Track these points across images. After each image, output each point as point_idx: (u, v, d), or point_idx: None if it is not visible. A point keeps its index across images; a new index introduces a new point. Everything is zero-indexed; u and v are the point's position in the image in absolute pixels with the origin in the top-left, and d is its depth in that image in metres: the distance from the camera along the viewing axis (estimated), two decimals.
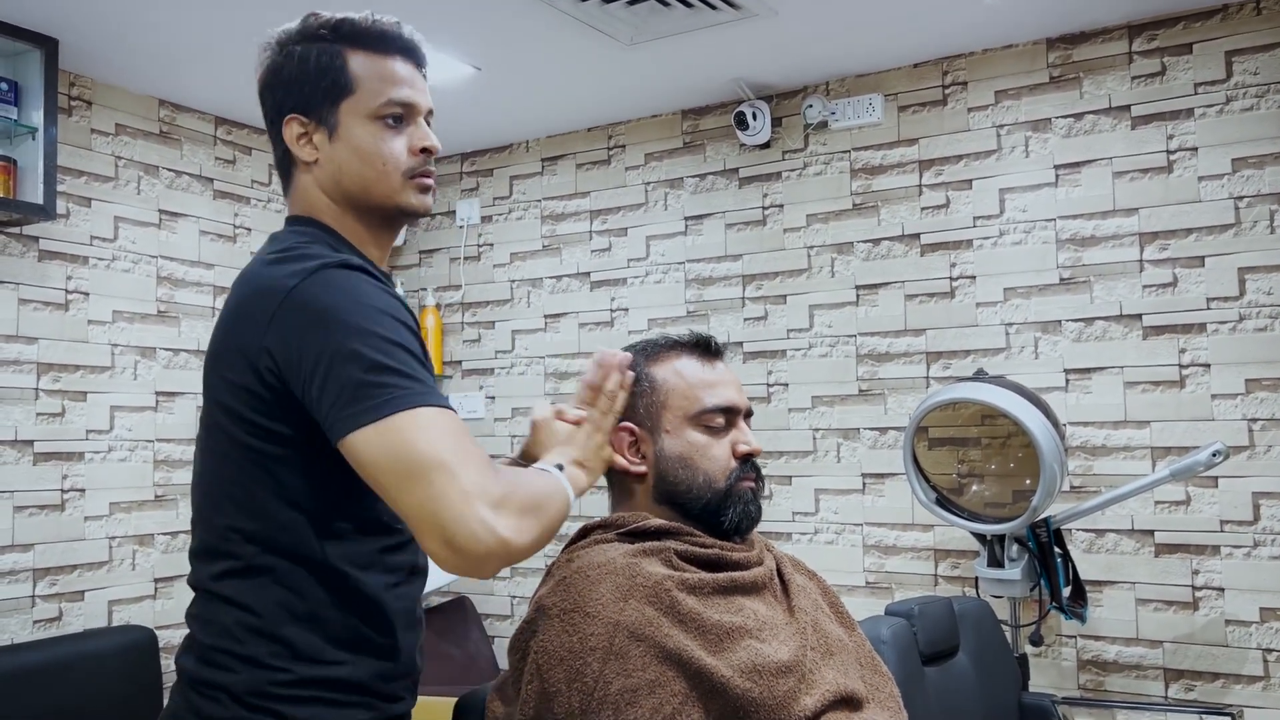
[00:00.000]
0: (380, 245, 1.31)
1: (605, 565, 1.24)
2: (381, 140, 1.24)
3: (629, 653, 1.17)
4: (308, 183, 1.28)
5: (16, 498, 2.92)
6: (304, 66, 1.25)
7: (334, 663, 1.18)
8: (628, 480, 1.39)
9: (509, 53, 3.03)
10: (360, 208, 1.26)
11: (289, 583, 1.17)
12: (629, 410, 1.39)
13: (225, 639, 1.17)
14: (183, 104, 3.41)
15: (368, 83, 1.24)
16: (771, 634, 1.25)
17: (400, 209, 1.26)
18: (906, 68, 3.18)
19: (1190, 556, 2.73)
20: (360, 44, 1.26)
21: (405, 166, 1.25)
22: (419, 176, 1.26)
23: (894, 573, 3.12)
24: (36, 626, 2.95)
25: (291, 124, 1.26)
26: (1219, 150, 2.74)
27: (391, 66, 1.26)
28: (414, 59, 1.30)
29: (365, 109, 1.24)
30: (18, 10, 2.69)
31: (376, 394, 1.06)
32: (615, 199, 3.67)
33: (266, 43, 1.29)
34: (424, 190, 1.27)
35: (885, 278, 3.17)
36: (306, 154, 1.27)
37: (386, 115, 1.24)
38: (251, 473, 1.18)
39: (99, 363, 3.14)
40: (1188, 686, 2.73)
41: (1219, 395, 2.71)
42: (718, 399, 1.37)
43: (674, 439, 1.36)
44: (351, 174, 1.24)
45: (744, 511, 1.35)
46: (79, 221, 3.11)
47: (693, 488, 1.34)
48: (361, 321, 1.10)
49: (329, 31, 1.25)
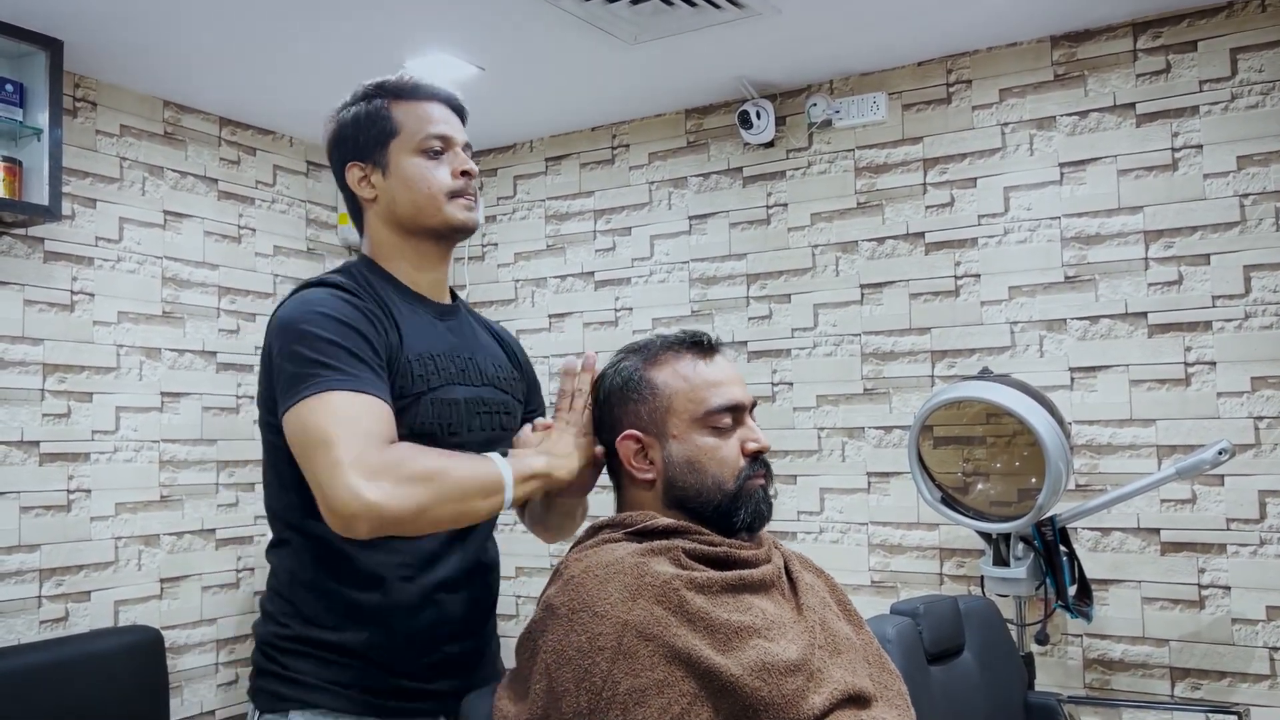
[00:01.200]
0: (435, 265, 1.51)
1: (613, 564, 1.24)
2: (426, 169, 1.45)
3: (637, 652, 1.17)
4: (372, 220, 1.50)
5: (23, 498, 2.93)
6: (357, 122, 1.49)
7: (330, 628, 1.38)
8: (635, 486, 1.38)
9: (512, 52, 3.03)
10: (415, 231, 1.47)
11: (299, 555, 1.41)
12: (634, 417, 1.37)
13: (264, 597, 1.48)
14: (187, 105, 3.42)
15: (409, 124, 1.47)
16: (780, 632, 1.25)
17: (449, 224, 1.46)
18: (910, 66, 3.18)
19: (1196, 555, 2.73)
20: (400, 95, 1.50)
21: (449, 188, 1.45)
22: (461, 195, 1.46)
23: (899, 572, 3.11)
24: (43, 627, 2.96)
25: (352, 169, 1.49)
26: (1224, 148, 2.74)
27: (428, 109, 1.49)
28: (448, 103, 1.52)
29: (409, 145, 1.46)
30: (22, 12, 2.70)
31: (299, 383, 1.28)
32: (619, 198, 3.67)
33: (328, 116, 1.54)
34: (468, 207, 1.47)
35: (890, 276, 3.17)
36: (367, 193, 1.48)
37: (428, 148, 1.46)
38: (274, 462, 1.43)
39: (104, 363, 3.14)
40: (1194, 685, 2.72)
41: (1225, 393, 2.71)
42: (723, 398, 1.35)
43: (681, 443, 1.34)
44: (404, 201, 1.45)
45: (755, 510, 1.34)
46: (84, 222, 3.12)
47: (703, 491, 1.33)
48: (304, 325, 1.32)
49: (374, 90, 1.51)
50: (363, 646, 1.38)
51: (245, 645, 3.51)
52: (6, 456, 2.90)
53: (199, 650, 3.36)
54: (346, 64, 3.08)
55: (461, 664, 1.47)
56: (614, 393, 1.41)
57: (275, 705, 1.39)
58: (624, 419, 1.38)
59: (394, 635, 1.39)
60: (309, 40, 2.91)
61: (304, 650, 1.38)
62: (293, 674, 1.38)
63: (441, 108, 1.50)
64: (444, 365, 1.45)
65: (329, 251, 3.90)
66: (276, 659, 1.40)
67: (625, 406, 1.39)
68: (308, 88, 3.28)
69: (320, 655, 1.38)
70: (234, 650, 3.47)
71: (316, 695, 1.37)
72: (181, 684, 3.30)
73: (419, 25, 2.82)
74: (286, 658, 1.39)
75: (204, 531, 3.39)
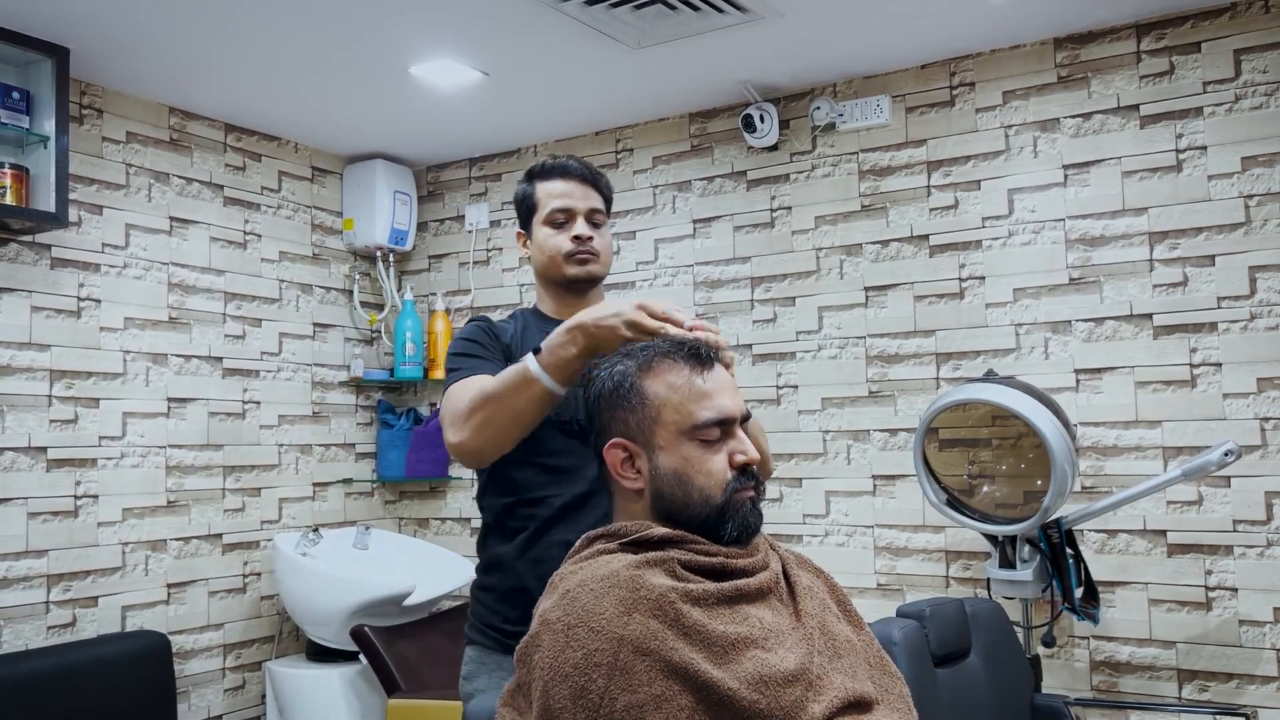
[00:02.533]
0: (570, 305, 1.84)
1: (609, 578, 1.23)
2: (550, 237, 1.84)
3: (634, 668, 1.16)
4: (534, 272, 1.91)
5: (30, 504, 2.94)
6: (518, 200, 1.92)
7: (488, 576, 1.80)
8: (624, 497, 1.37)
9: (516, 58, 3.04)
10: (548, 283, 1.88)
11: (481, 523, 1.85)
12: (622, 425, 1.36)
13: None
14: (193, 111, 3.43)
15: (542, 200, 1.86)
16: (778, 642, 1.24)
17: (569, 279, 1.84)
18: (914, 69, 3.18)
19: (1203, 556, 2.72)
20: (540, 177, 1.88)
21: (565, 250, 1.82)
22: (576, 255, 1.82)
23: (905, 574, 3.11)
24: (50, 632, 2.96)
25: (519, 237, 1.92)
26: (1228, 149, 2.73)
27: (556, 186, 1.85)
28: (577, 177, 1.86)
29: (542, 218, 1.85)
30: (29, 20, 2.71)
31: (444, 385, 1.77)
32: (623, 202, 3.67)
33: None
34: (581, 264, 1.83)
35: (894, 279, 3.17)
36: (525, 254, 1.92)
37: (553, 220, 1.84)
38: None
39: (111, 369, 3.16)
40: (1201, 687, 2.71)
41: (1230, 394, 2.70)
42: (711, 412, 1.33)
43: (668, 455, 1.32)
44: (539, 261, 1.87)
45: (743, 523, 1.32)
46: (90, 229, 3.13)
47: (689, 504, 1.31)
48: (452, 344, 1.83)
49: (526, 176, 1.90)
50: (503, 591, 1.75)
51: (252, 650, 3.52)
52: (14, 462, 2.91)
53: (206, 655, 3.37)
54: (352, 70, 3.09)
55: None
56: (604, 396, 1.39)
57: (467, 641, 1.82)
58: (612, 426, 1.37)
59: (519, 582, 1.72)
60: (314, 46, 2.92)
61: (477, 596, 1.81)
62: (472, 617, 1.81)
63: (568, 183, 1.85)
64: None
65: (334, 257, 3.91)
66: (470, 605, 1.83)
67: (614, 413, 1.37)
68: (313, 94, 3.29)
69: (483, 600, 1.79)
70: (241, 655, 3.48)
71: (478, 634, 1.79)
72: (189, 689, 3.31)
73: (424, 31, 2.83)
74: (472, 604, 1.82)
75: (210, 537, 3.40)
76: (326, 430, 3.83)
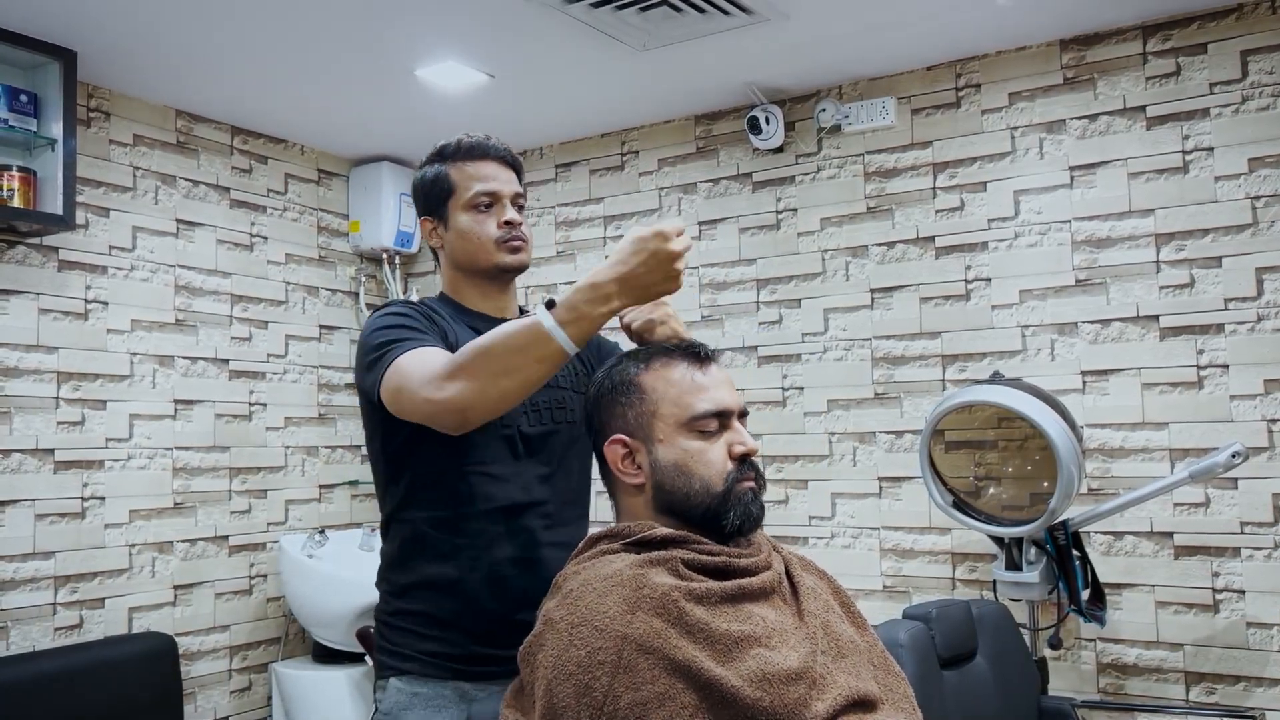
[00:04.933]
0: (494, 296, 1.74)
1: (612, 577, 1.23)
2: (475, 222, 1.69)
3: (638, 665, 1.17)
4: (444, 263, 1.76)
5: (37, 506, 2.95)
6: (424, 182, 1.74)
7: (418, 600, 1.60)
8: (626, 493, 1.38)
9: (522, 60, 3.04)
10: (473, 272, 1.71)
11: (395, 540, 1.64)
12: (621, 421, 1.37)
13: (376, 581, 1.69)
14: (199, 114, 3.44)
15: (462, 184, 1.70)
16: (781, 640, 1.24)
17: (497, 267, 1.69)
18: (919, 70, 3.18)
19: (1210, 558, 2.71)
20: (455, 158, 1.72)
21: (495, 236, 1.68)
22: (507, 241, 1.69)
23: (911, 576, 3.11)
24: (58, 634, 2.97)
25: (425, 223, 1.75)
26: (1235, 150, 2.73)
27: (479, 168, 1.71)
28: (499, 159, 1.72)
29: (463, 202, 1.70)
30: (36, 23, 2.72)
31: (375, 368, 1.53)
32: (629, 204, 3.68)
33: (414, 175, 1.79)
34: (513, 251, 1.69)
35: (900, 280, 3.17)
36: (435, 242, 1.74)
37: (477, 204, 1.69)
38: (374, 464, 1.68)
39: (118, 371, 3.16)
40: (1209, 690, 2.71)
41: (1238, 396, 2.70)
42: (708, 403, 1.35)
43: (668, 447, 1.34)
44: (460, 250, 1.70)
45: (745, 513, 1.33)
46: (98, 231, 3.14)
47: (691, 494, 1.33)
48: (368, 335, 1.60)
49: (436, 155, 1.74)
50: (444, 615, 1.58)
51: (258, 651, 3.53)
52: (21, 464, 2.92)
53: (212, 656, 3.38)
54: (357, 72, 3.09)
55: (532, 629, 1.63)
56: (603, 396, 1.41)
57: (381, 673, 1.63)
58: (611, 423, 1.39)
59: (468, 604, 1.57)
60: (320, 49, 2.92)
61: (399, 624, 1.61)
62: (392, 645, 1.61)
63: (492, 165, 1.71)
64: None
65: (340, 259, 3.92)
66: (382, 632, 1.64)
67: (613, 410, 1.39)
68: (319, 96, 3.30)
69: (411, 627, 1.59)
70: (247, 657, 3.49)
71: (408, 664, 1.59)
72: (195, 690, 3.31)
73: (429, 33, 2.84)
74: (388, 630, 1.62)
75: (217, 538, 3.41)
76: (333, 432, 3.83)
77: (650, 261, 1.35)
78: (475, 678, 1.57)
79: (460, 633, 1.57)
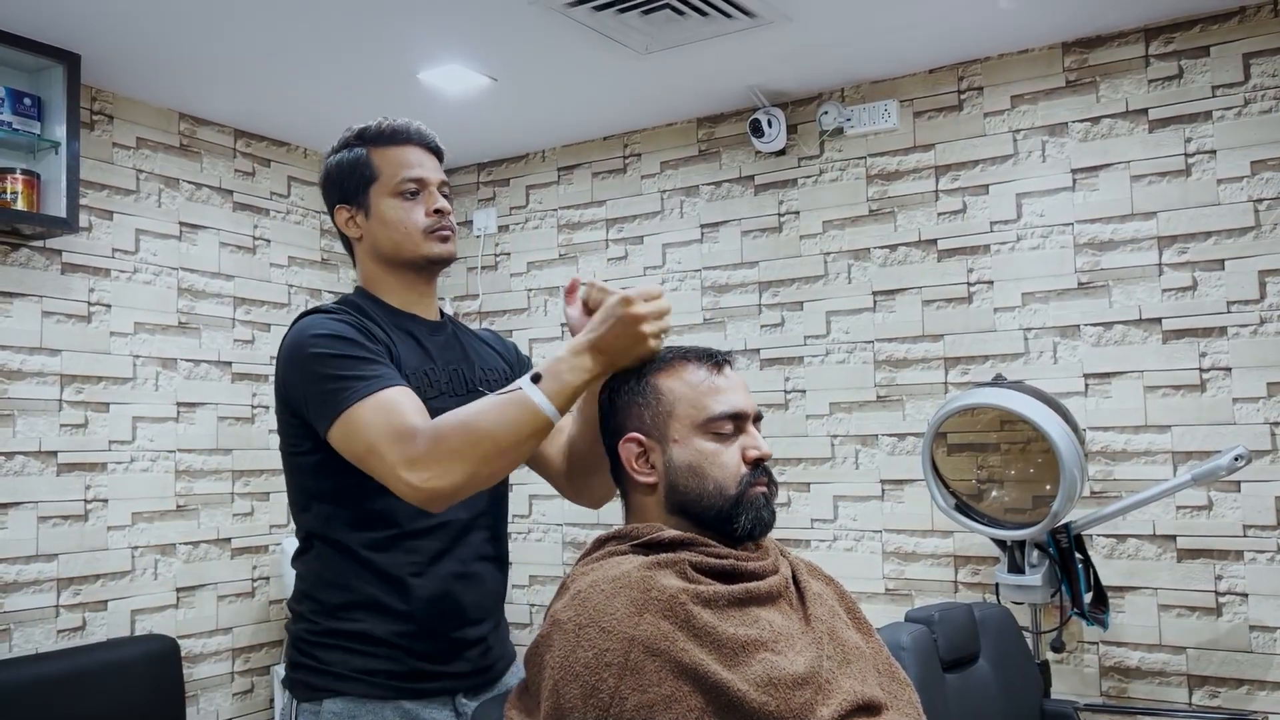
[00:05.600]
0: (419, 291, 1.64)
1: (620, 579, 1.24)
2: (402, 210, 1.58)
3: (644, 668, 1.17)
4: (361, 255, 1.64)
5: (41, 508, 2.95)
6: (340, 168, 1.62)
7: (353, 620, 1.51)
8: (638, 492, 1.39)
9: (524, 63, 3.05)
10: (397, 264, 1.61)
11: (324, 558, 1.54)
12: (637, 421, 1.38)
13: (291, 600, 1.60)
14: (202, 117, 3.45)
15: (386, 169, 1.59)
16: (787, 645, 1.25)
17: (426, 258, 1.60)
18: (922, 73, 3.18)
19: (1213, 561, 2.71)
20: (377, 142, 1.61)
21: (423, 225, 1.58)
22: (436, 231, 1.59)
23: (913, 579, 3.10)
24: (60, 636, 2.97)
25: (340, 211, 1.63)
26: (1238, 153, 2.73)
27: (403, 154, 1.60)
28: (423, 144, 1.63)
29: (387, 189, 1.59)
30: (40, 26, 2.73)
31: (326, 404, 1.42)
32: (631, 207, 3.68)
33: (323, 158, 1.67)
34: (443, 240, 1.60)
35: (902, 283, 3.17)
36: (354, 232, 1.63)
37: (403, 191, 1.58)
38: (297, 481, 1.58)
39: (121, 374, 3.17)
40: (1212, 693, 2.70)
41: (1240, 399, 2.69)
42: (725, 405, 1.36)
43: (683, 448, 1.35)
44: (385, 240, 1.59)
45: (756, 517, 1.34)
46: (101, 234, 3.15)
47: (704, 496, 1.33)
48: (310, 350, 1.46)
49: (355, 139, 1.63)
50: (385, 634, 1.50)
51: (261, 654, 3.53)
52: (25, 466, 2.93)
53: (215, 659, 3.38)
54: (360, 76, 3.10)
55: (476, 645, 1.58)
56: (620, 396, 1.42)
57: (310, 695, 1.52)
58: (627, 422, 1.39)
59: (411, 623, 1.51)
60: (323, 52, 2.93)
61: (332, 643, 1.51)
62: (323, 665, 1.51)
63: (417, 151, 1.62)
64: (436, 377, 1.58)
65: (343, 262, 3.92)
66: (309, 653, 1.53)
67: (629, 410, 1.39)
68: (321, 99, 3.30)
69: (347, 646, 1.50)
70: (249, 659, 3.49)
71: (346, 684, 1.50)
72: (198, 693, 3.31)
73: (431, 37, 2.84)
74: (318, 650, 1.52)
75: (219, 541, 3.41)
76: None
77: (617, 327, 1.35)
78: (419, 695, 1.52)
79: (402, 651, 1.50)
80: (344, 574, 1.52)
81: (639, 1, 2.63)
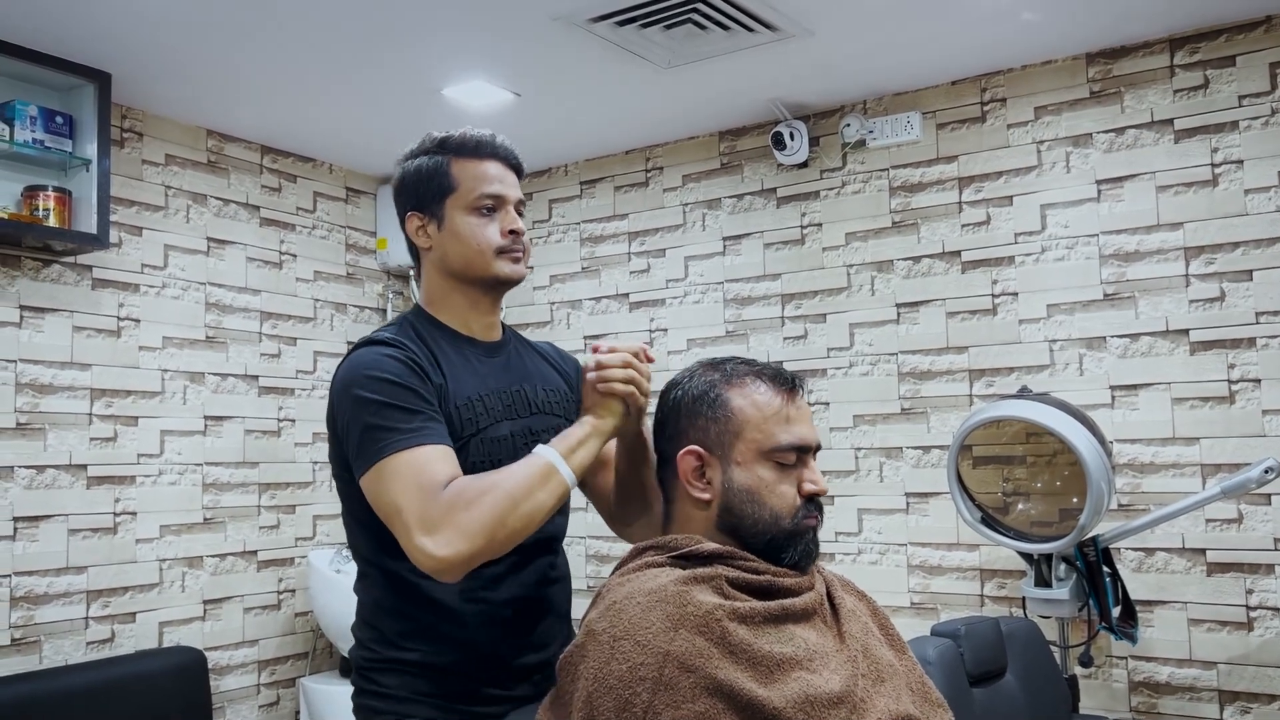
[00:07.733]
0: (482, 310, 1.60)
1: (656, 592, 1.23)
2: (477, 226, 1.54)
3: (679, 684, 1.16)
4: (428, 266, 1.60)
5: (71, 521, 2.98)
6: (419, 174, 1.57)
7: (410, 649, 1.49)
8: (688, 504, 1.37)
9: (547, 78, 3.06)
10: (464, 280, 1.56)
11: (379, 586, 1.51)
12: (700, 433, 1.36)
13: (355, 625, 1.57)
14: (230, 134, 3.49)
15: (465, 182, 1.55)
16: (822, 663, 1.24)
17: (495, 278, 1.56)
18: (944, 85, 3.17)
19: (1244, 575, 2.68)
20: (459, 153, 1.56)
21: (497, 245, 1.54)
22: (508, 252, 1.55)
23: (939, 593, 3.09)
24: (90, 648, 3.00)
25: (412, 219, 1.58)
26: (1265, 162, 2.71)
27: (484, 168, 1.56)
28: (505, 160, 1.58)
29: (464, 203, 1.54)
30: (72, 46, 2.77)
31: (363, 450, 1.40)
32: (653, 220, 3.69)
33: (396, 161, 1.62)
34: (514, 261, 1.56)
35: (926, 295, 3.16)
36: (423, 242, 1.58)
37: (480, 206, 1.54)
38: (350, 508, 1.53)
39: (149, 388, 3.20)
40: (1244, 709, 2.67)
41: (1270, 410, 2.67)
42: (793, 437, 1.34)
43: (744, 471, 1.33)
44: (455, 254, 1.55)
45: (805, 550, 1.33)
46: (130, 250, 3.19)
47: (759, 523, 1.32)
48: (357, 391, 1.43)
49: (436, 146, 1.57)
50: (445, 663, 1.48)
51: (286, 666, 3.55)
52: (55, 479, 2.96)
53: (241, 671, 3.40)
54: (385, 92, 3.13)
55: (540, 670, 1.54)
56: (686, 403, 1.39)
57: (378, 716, 1.51)
58: (690, 432, 1.37)
59: (469, 651, 1.49)
60: (348, 70, 2.96)
61: (393, 669, 1.50)
62: (385, 689, 1.50)
63: (498, 166, 1.57)
64: (491, 404, 1.53)
65: (368, 276, 3.95)
66: (370, 677, 1.52)
67: (695, 421, 1.37)
68: (347, 116, 3.33)
69: (411, 673, 1.49)
70: (275, 671, 3.51)
71: (407, 706, 1.48)
72: (224, 705, 3.33)
73: (456, 53, 2.87)
74: (378, 674, 1.51)
75: (246, 553, 3.43)
76: None
77: (584, 389, 1.47)
78: (483, 718, 1.50)
79: (464, 677, 1.49)
80: (401, 602, 1.49)
81: (661, 17, 2.64)
